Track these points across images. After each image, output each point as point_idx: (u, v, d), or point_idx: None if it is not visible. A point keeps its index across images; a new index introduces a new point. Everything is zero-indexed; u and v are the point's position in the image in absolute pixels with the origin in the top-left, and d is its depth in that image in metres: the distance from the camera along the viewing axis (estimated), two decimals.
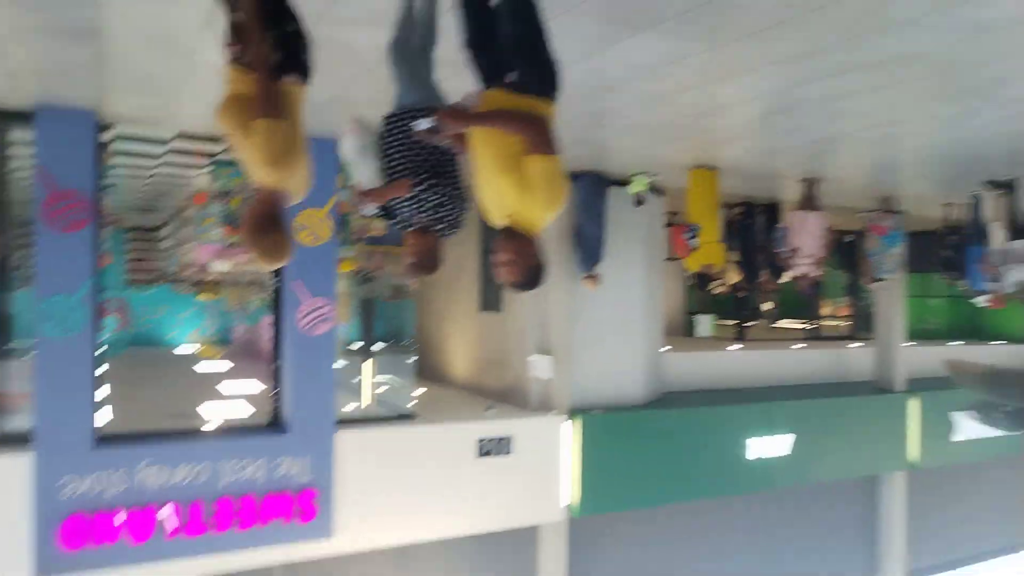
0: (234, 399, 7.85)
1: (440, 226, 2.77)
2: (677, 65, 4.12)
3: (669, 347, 9.17)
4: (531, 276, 2.30)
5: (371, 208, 2.94)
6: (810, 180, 7.49)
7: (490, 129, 2.28)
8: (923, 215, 10.49)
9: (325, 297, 6.03)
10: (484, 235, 8.43)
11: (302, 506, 5.79)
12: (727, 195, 7.97)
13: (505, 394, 7.84)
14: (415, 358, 7.68)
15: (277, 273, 6.02)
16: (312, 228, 5.90)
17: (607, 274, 7.40)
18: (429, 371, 9.18)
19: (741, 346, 10.66)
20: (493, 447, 6.68)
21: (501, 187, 2.25)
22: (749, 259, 8.85)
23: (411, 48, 2.87)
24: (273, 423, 6.15)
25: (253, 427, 6.30)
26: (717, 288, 10.67)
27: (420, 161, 2.69)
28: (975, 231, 8.01)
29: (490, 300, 8.26)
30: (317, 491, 5.88)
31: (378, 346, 7.82)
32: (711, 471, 8.10)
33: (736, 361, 9.97)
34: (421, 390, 7.80)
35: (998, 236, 7.72)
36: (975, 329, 14.01)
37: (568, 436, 7.21)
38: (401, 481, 6.29)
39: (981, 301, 9.31)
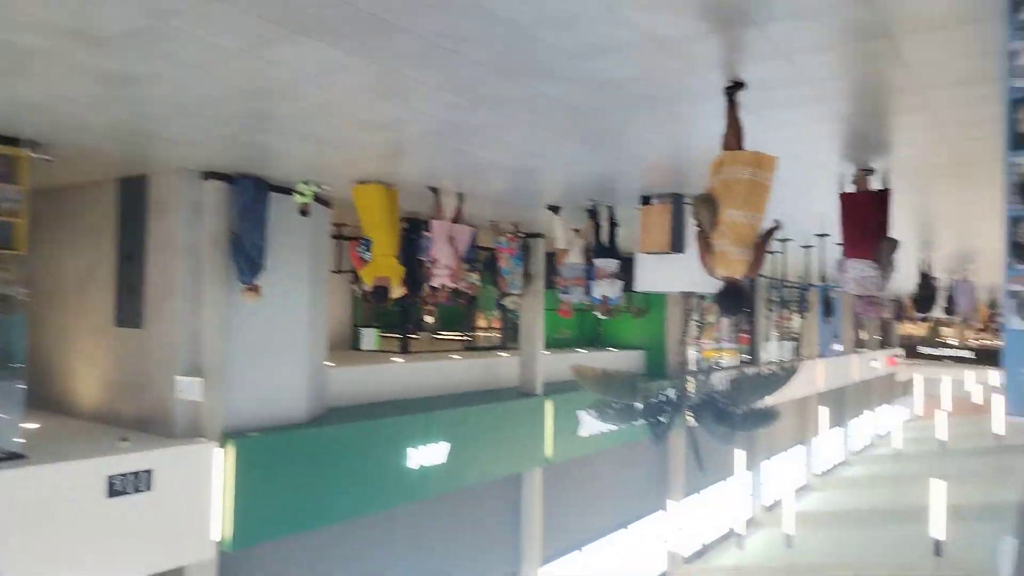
0: None
1: None
2: (341, 76, 4.07)
3: (331, 363, 9.04)
4: None
5: None
6: (435, 189, 7.50)
7: None
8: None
9: None
10: (121, 233, 7.39)
11: None
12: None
13: (146, 422, 6.92)
14: (24, 385, 6.38)
15: None
16: None
17: (268, 286, 7.03)
18: (46, 400, 7.71)
19: (404, 358, 10.97)
20: (128, 484, 5.82)
21: None
22: (413, 273, 9.14)
23: None
24: None
25: None
26: (388, 301, 10.84)
27: None
28: (596, 251, 8.80)
29: (128, 313, 7.24)
30: None
31: None
32: (374, 484, 8.14)
33: (399, 373, 10.21)
34: (34, 424, 6.52)
35: (575, 254, 8.53)
36: (596, 338, 16.41)
37: (219, 463, 6.63)
38: (5, 540, 5.14)
39: (600, 313, 10.88)
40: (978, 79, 3.90)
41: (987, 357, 34.83)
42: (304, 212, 7.30)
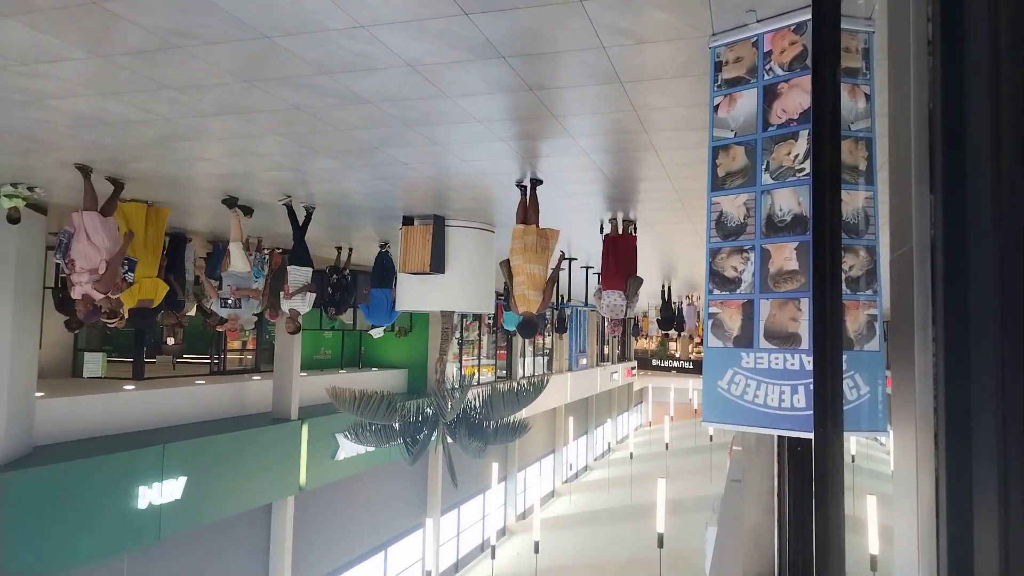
0: None
1: None
2: (54, 65, 3.56)
3: (41, 393, 7.82)
4: None
5: None
6: (86, 169, 5.65)
7: None
8: (319, 255, 11.55)
9: None
10: None
11: None
12: None
13: None
14: None
15: None
16: None
17: None
18: None
19: (136, 385, 9.83)
20: None
21: None
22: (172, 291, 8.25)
23: None
24: None
25: None
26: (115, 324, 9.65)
27: None
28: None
29: None
30: None
31: None
32: (92, 531, 7.15)
33: (130, 402, 9.12)
34: None
35: (239, 261, 7.02)
36: (359, 358, 16.11)
37: None
38: None
39: (374, 333, 10.70)
40: (694, 126, 4.47)
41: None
42: (13, 219, 6.27)
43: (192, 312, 9.70)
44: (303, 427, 10.65)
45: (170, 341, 14.73)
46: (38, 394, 7.60)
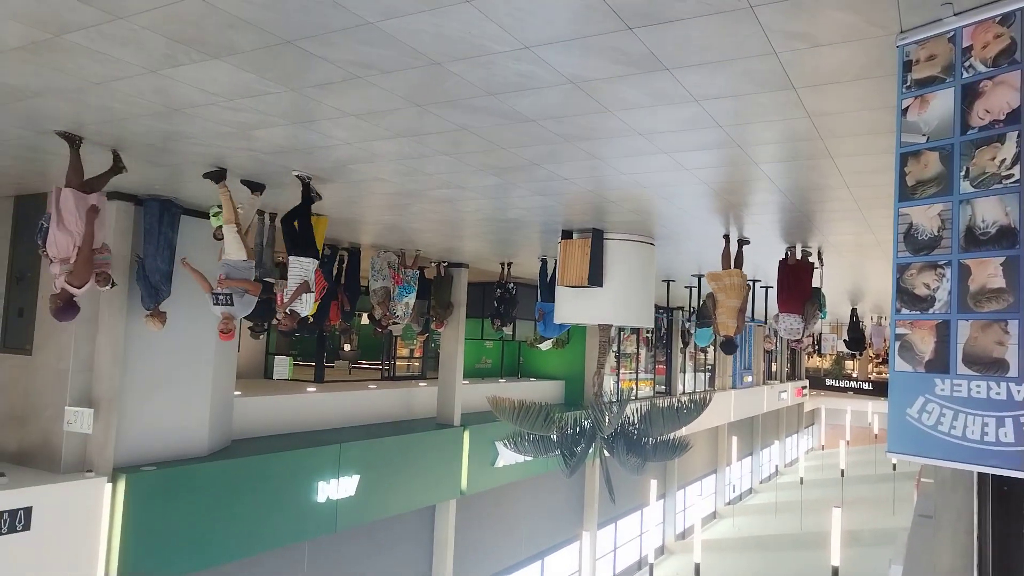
0: None
1: None
2: (255, 100, 3.97)
3: (241, 392, 8.68)
4: None
5: None
6: (72, 137, 4.78)
7: None
8: (484, 268, 11.96)
9: None
10: (12, 253, 6.93)
11: None
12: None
13: (27, 456, 6.43)
14: None
15: None
16: None
17: (175, 312, 6.70)
18: None
19: (318, 388, 10.66)
20: (3, 523, 5.38)
21: None
22: (327, 301, 8.93)
23: None
24: None
25: None
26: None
27: None
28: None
29: (15, 337, 6.76)
30: None
31: None
32: (279, 519, 7.82)
33: (312, 403, 9.91)
34: None
35: (233, 248, 5.78)
36: (517, 368, 16.44)
37: (108, 500, 6.22)
38: None
39: (543, 346, 11.00)
40: (877, 131, 4.13)
41: (885, 389, 36.79)
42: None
43: (365, 320, 10.42)
44: (465, 433, 11.01)
45: (346, 348, 15.88)
46: (236, 393, 8.46)
